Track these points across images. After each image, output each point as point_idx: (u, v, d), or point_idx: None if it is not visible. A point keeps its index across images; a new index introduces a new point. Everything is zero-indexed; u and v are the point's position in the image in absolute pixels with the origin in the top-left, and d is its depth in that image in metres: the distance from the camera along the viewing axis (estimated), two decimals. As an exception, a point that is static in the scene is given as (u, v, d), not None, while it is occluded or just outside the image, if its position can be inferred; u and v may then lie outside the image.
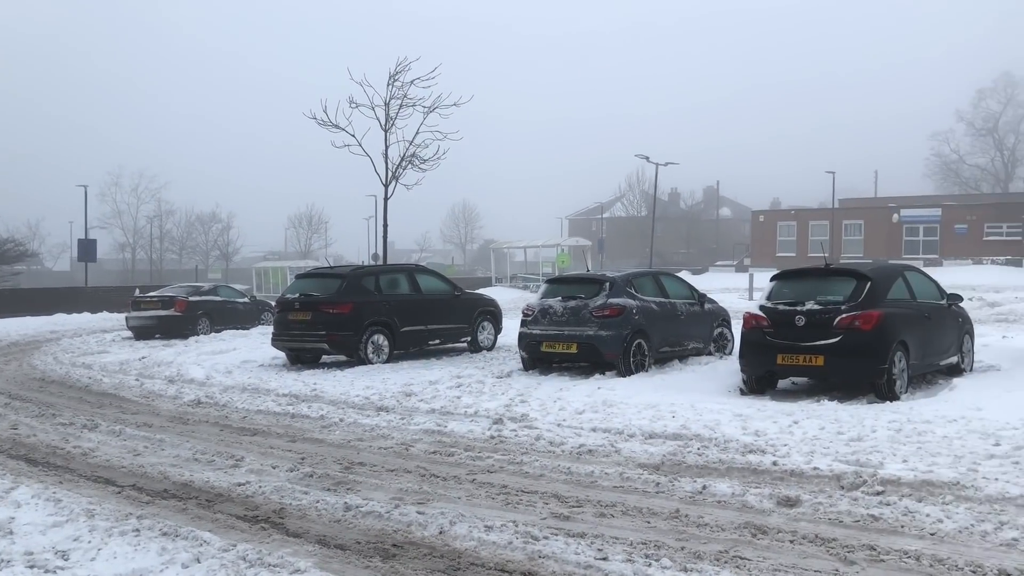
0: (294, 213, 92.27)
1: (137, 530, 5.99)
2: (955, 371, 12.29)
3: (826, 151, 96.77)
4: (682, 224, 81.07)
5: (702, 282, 42.56)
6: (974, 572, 4.99)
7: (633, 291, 13.60)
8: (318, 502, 6.78)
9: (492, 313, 17.31)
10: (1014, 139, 76.58)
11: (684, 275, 46.85)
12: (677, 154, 53.15)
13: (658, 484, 7.06)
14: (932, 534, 5.65)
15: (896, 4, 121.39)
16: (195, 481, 7.61)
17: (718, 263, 66.50)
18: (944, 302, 12.43)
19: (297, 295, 15.54)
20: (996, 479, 6.72)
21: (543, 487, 7.14)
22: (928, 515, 5.94)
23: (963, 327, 12.69)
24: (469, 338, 16.73)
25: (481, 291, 28.65)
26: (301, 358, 15.83)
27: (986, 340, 15.20)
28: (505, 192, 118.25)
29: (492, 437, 9.05)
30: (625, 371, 12.86)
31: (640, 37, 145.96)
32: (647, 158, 43.85)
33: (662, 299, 14.07)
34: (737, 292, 34.88)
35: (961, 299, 12.97)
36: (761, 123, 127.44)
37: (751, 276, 35.47)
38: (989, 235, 49.20)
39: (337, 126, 19.50)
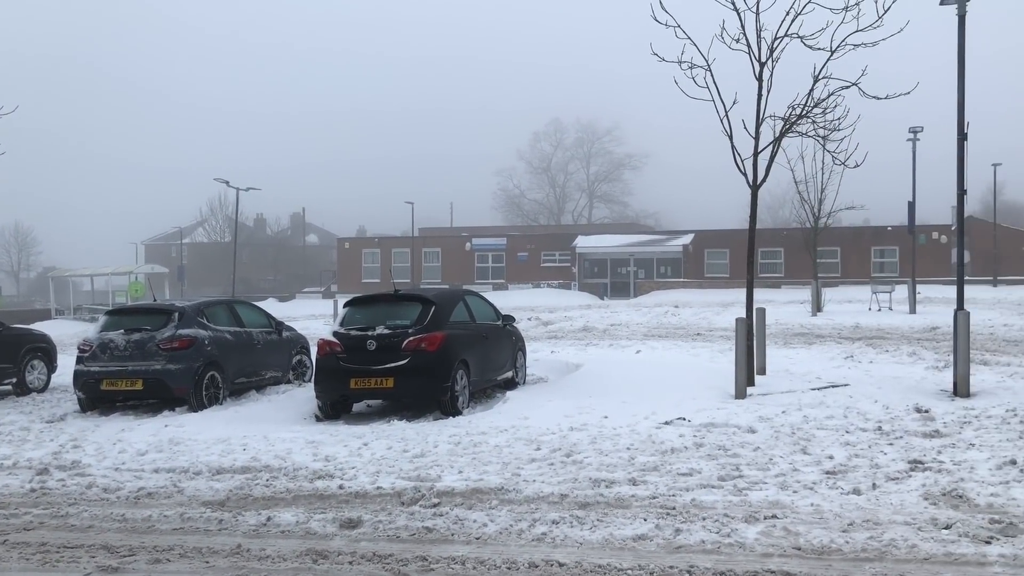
0: None
1: None
2: (511, 384, 13.57)
3: (407, 182, 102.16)
4: (269, 250, 79.84)
5: (289, 309, 42.32)
6: (509, 568, 5.51)
7: (205, 321, 13.05)
8: None
9: (44, 350, 15.47)
10: (564, 178, 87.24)
11: (270, 302, 46.23)
12: (262, 179, 52.36)
13: (221, 521, 6.81)
14: (477, 538, 6.14)
15: (465, 45, 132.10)
16: None
17: (306, 290, 66.53)
18: (500, 323, 13.68)
19: None
20: (534, 481, 7.52)
21: (91, 539, 6.51)
22: (475, 521, 6.45)
23: (517, 344, 14.08)
24: (15, 379, 14.75)
25: (37, 325, 25.53)
26: None
27: (538, 355, 17.00)
28: (71, 215, 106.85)
29: (33, 490, 8.04)
30: (197, 406, 12.26)
31: (217, 60, 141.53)
32: (227, 182, 42.43)
33: (237, 328, 13.68)
34: (324, 318, 35.11)
35: (514, 320, 14.38)
36: (346, 152, 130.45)
37: (336, 302, 35.97)
38: (545, 262, 55.37)
39: None
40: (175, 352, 12.28)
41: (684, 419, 9.92)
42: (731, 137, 12.34)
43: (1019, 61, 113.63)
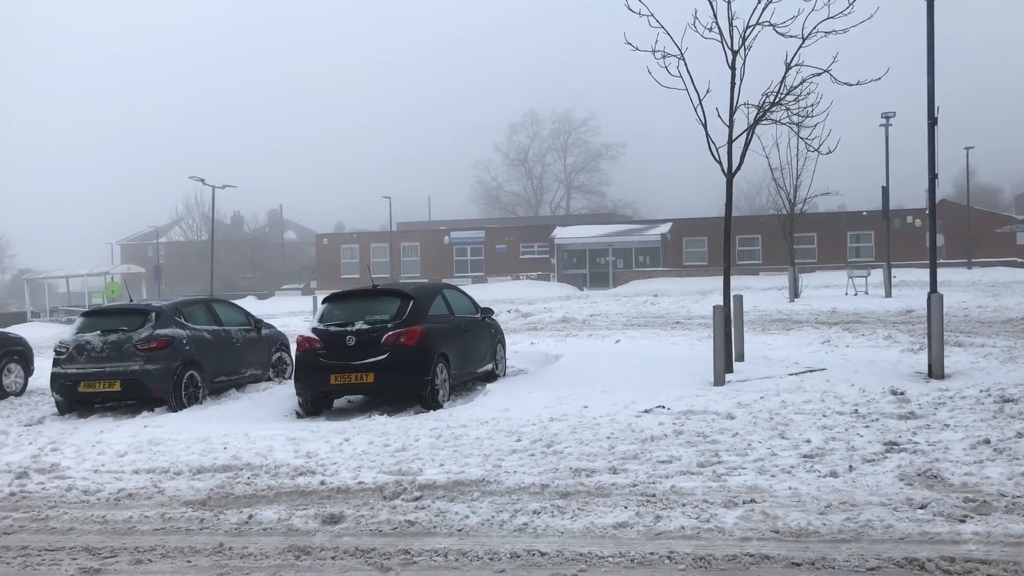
0: None
1: None
2: (491, 377, 13.60)
3: (386, 176, 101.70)
4: (246, 248, 79.42)
5: (268, 307, 42.13)
6: (491, 559, 5.54)
7: (183, 320, 12.98)
8: None
9: (21, 353, 15.34)
10: (541, 169, 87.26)
11: (249, 300, 46.01)
12: (238, 177, 51.75)
13: (203, 520, 6.80)
14: (459, 530, 6.17)
15: (442, 38, 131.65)
16: None
17: (285, 287, 66.29)
18: (479, 315, 13.71)
19: None
20: (515, 472, 7.55)
21: (72, 541, 6.48)
22: (457, 513, 6.48)
23: (496, 337, 14.10)
24: (-8, 384, 14.65)
25: (12, 328, 25.28)
26: None
27: (517, 347, 17.07)
28: (45, 216, 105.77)
29: (13, 494, 7.99)
30: (176, 405, 12.22)
31: (196, 56, 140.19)
32: (203, 180, 42.16)
33: (216, 327, 13.62)
34: (303, 315, 34.99)
35: (493, 312, 14.41)
36: (324, 148, 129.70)
37: (315, 299, 35.85)
38: (524, 254, 55.44)
39: None
40: (153, 352, 12.21)
41: (663, 407, 9.99)
42: (705, 126, 12.41)
43: (991, 46, 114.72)
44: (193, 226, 77.45)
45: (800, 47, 11.97)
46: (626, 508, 6.35)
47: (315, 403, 11.76)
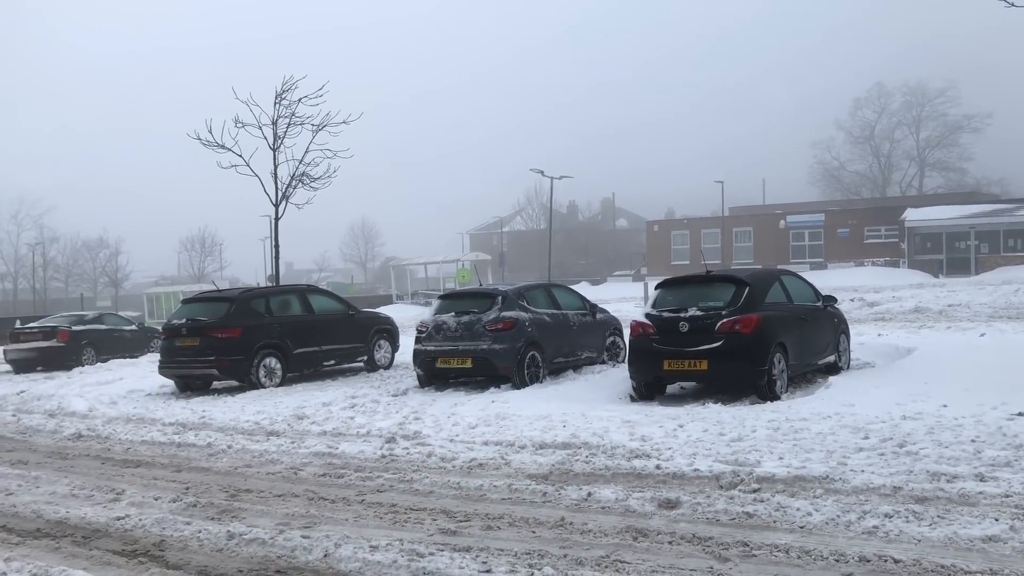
0: (186, 236, 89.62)
1: (4, 573, 5.72)
2: (833, 369, 12.84)
3: (717, 161, 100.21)
4: (580, 235, 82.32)
5: (601, 292, 43.33)
6: (837, 560, 5.23)
7: (526, 304, 13.74)
8: (200, 532, 6.61)
9: (389, 331, 17.21)
10: (889, 146, 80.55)
11: (583, 286, 47.69)
12: (573, 165, 53.95)
13: (545, 494, 7.15)
14: (801, 527, 5.89)
15: (777, 13, 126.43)
16: (71, 518, 7.31)
17: (616, 273, 67.76)
18: (820, 304, 12.98)
19: (184, 320, 15.13)
20: (863, 471, 7.06)
21: (432, 503, 7.14)
22: (799, 509, 6.19)
23: (839, 327, 13.27)
24: (365, 357, 16.60)
25: (381, 309, 28.43)
26: (191, 385, 15.41)
27: (863, 339, 15.93)
28: (406, 208, 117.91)
29: (384, 456, 8.99)
30: (520, 383, 12.97)
31: (534, 58, 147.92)
32: (542, 172, 44.43)
33: (554, 311, 14.26)
34: (634, 301, 35.51)
35: (836, 300, 13.57)
36: (654, 132, 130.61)
37: (646, 285, 36.21)
38: (869, 238, 51.62)
39: (223, 146, 19.12)
40: (499, 333, 13.07)
41: (1042, 410, 8.78)
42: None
43: None
44: (532, 216, 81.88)
45: None
46: (997, 520, 5.66)
47: (648, 388, 11.87)
